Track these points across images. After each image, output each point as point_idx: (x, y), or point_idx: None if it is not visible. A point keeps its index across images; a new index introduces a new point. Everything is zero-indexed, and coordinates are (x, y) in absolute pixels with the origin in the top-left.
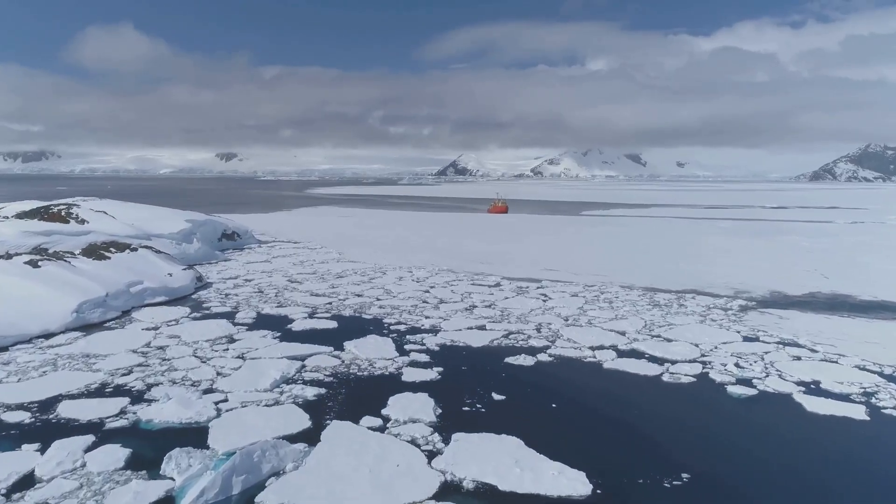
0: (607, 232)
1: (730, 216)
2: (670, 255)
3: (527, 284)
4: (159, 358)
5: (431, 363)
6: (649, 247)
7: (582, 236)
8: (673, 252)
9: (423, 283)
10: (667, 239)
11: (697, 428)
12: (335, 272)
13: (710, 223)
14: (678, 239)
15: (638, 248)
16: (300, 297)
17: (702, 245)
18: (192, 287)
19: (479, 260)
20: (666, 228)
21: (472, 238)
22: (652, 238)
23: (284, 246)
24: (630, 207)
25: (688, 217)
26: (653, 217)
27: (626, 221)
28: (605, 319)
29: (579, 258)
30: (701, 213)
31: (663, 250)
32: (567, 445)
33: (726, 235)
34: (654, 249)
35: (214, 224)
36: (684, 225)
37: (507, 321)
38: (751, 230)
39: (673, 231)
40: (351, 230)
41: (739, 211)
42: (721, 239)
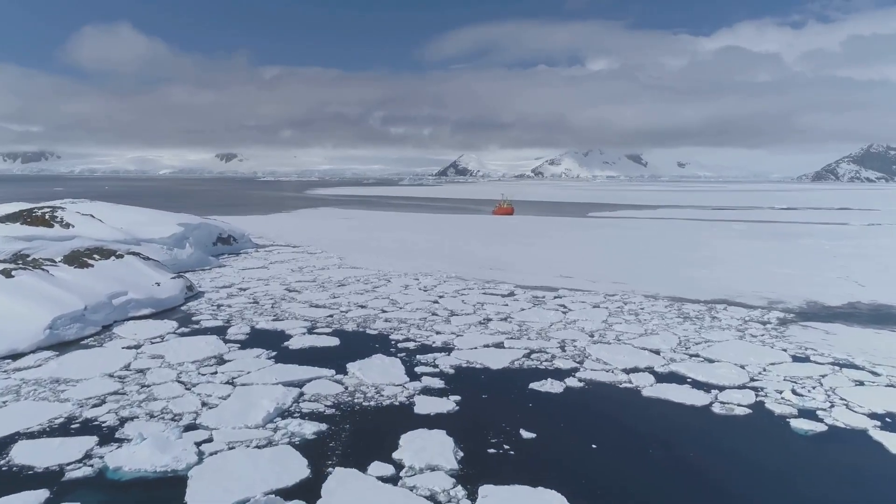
0: (619, 235)
1: (741, 218)
2: (690, 260)
3: (543, 293)
4: (138, 384)
5: (447, 390)
6: (666, 251)
7: (594, 239)
8: (693, 257)
9: (431, 292)
10: (683, 242)
11: (767, 473)
12: (336, 280)
13: (723, 225)
14: (695, 242)
15: (654, 252)
16: (298, 309)
17: (721, 249)
18: (182, 297)
19: (488, 266)
20: (679, 231)
21: (480, 241)
22: (667, 241)
23: (283, 250)
24: (636, 209)
25: (698, 219)
26: (662, 219)
27: (635, 223)
28: (633, 335)
29: (595, 263)
30: (711, 214)
31: (682, 255)
32: (617, 501)
33: (744, 238)
34: (672, 254)
35: (209, 227)
36: (697, 227)
37: (526, 337)
38: (767, 232)
39: (687, 234)
40: (352, 233)
41: (749, 212)
42: (739, 242)
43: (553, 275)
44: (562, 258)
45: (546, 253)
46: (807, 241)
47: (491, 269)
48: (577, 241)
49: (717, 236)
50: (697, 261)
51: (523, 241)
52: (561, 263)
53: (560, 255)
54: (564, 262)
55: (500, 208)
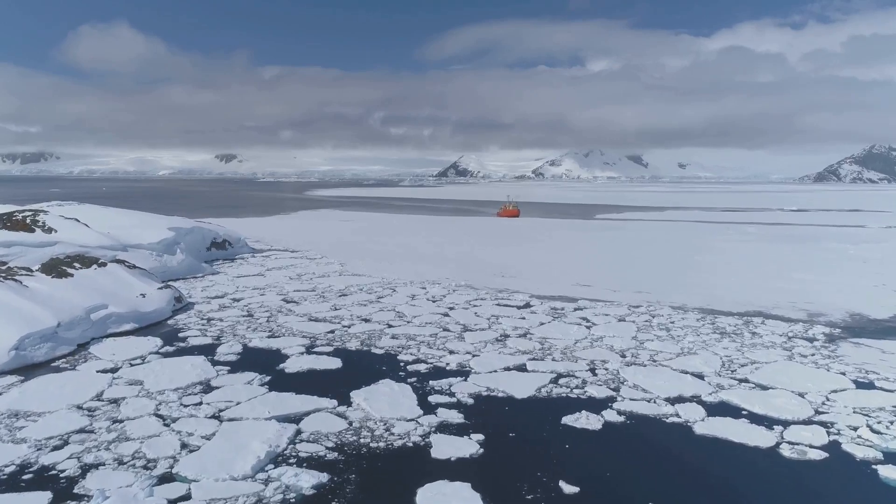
0: (632, 238)
1: (753, 220)
2: (712, 266)
3: (562, 305)
4: (109, 418)
5: (467, 426)
6: (685, 256)
7: (607, 243)
8: (714, 262)
9: (441, 303)
10: (700, 246)
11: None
12: (337, 289)
13: (736, 228)
14: (712, 247)
15: (673, 257)
16: (296, 324)
17: (742, 254)
18: (169, 310)
19: (499, 272)
20: (693, 234)
21: (488, 246)
22: (683, 245)
23: (281, 255)
24: (643, 210)
25: (709, 221)
26: (672, 221)
27: (646, 226)
28: (669, 354)
29: (612, 270)
30: (720, 216)
31: (702, 260)
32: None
33: (762, 242)
34: (692, 259)
35: (203, 232)
36: (710, 230)
37: (550, 357)
38: (784, 236)
39: (702, 237)
40: (353, 237)
41: (760, 214)
42: (759, 246)
43: (570, 283)
44: (576, 264)
45: (559, 258)
46: (829, 244)
47: (502, 277)
48: (589, 246)
49: (733, 240)
50: (720, 267)
51: (533, 246)
52: (576, 270)
53: (574, 261)
54: (580, 268)
55: (506, 210)
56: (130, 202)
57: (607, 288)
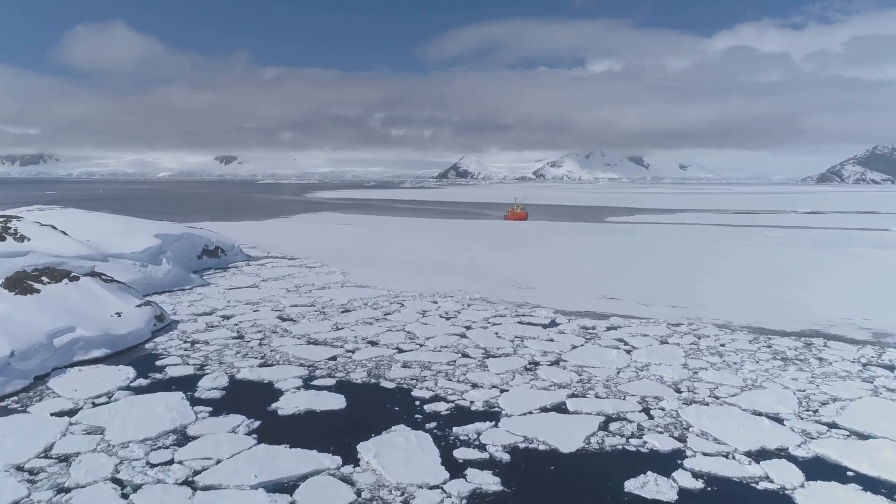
0: (651, 243)
1: (769, 223)
2: (746, 274)
3: (591, 322)
4: (53, 487)
5: (506, 495)
6: (714, 263)
7: (625, 249)
8: (746, 271)
9: (455, 320)
10: (727, 253)
11: None
12: (339, 303)
13: (755, 232)
14: (739, 252)
15: (701, 264)
16: (293, 348)
17: (773, 261)
18: (148, 331)
19: (515, 283)
20: (713, 238)
21: (498, 252)
22: (708, 251)
23: (278, 263)
24: (654, 213)
25: (726, 224)
26: (687, 224)
27: (661, 230)
28: (732, 388)
29: (639, 280)
30: (735, 219)
31: (734, 268)
32: None
33: (789, 247)
34: (722, 267)
35: (193, 238)
36: (730, 234)
37: (592, 392)
38: (810, 240)
39: (724, 242)
40: (355, 242)
41: (774, 216)
42: (787, 253)
43: (595, 295)
44: (598, 273)
45: (577, 266)
46: (859, 250)
47: (520, 289)
48: (608, 251)
49: (757, 244)
50: (754, 276)
51: (547, 252)
52: (599, 280)
53: (594, 269)
54: (603, 277)
55: (513, 213)
56: (124, 205)
57: (638, 301)
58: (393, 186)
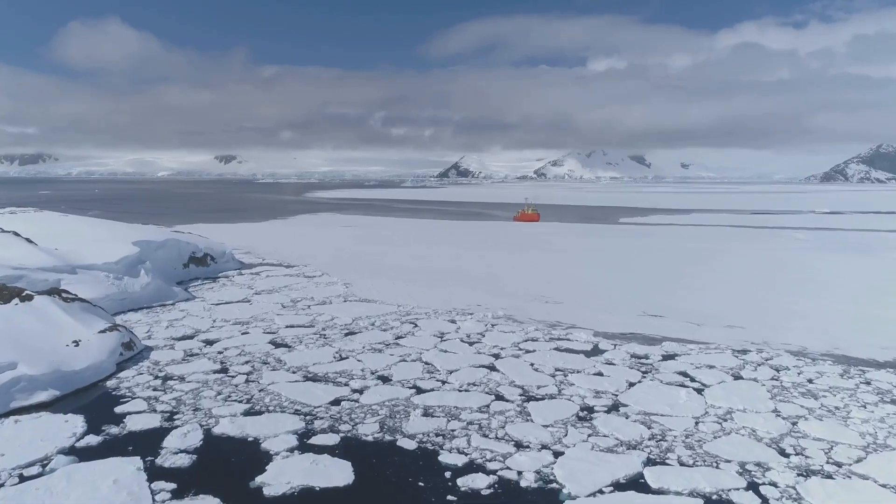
0: (679, 248)
1: (793, 224)
2: (793, 285)
3: (642, 349)
4: None
5: None
6: (757, 271)
7: (654, 255)
8: (793, 280)
9: (480, 345)
10: (764, 258)
11: None
12: (342, 323)
13: (783, 234)
14: (775, 257)
15: (740, 273)
16: (286, 386)
17: (817, 269)
18: (112, 364)
19: (541, 296)
20: (742, 242)
21: (516, 258)
22: (742, 257)
23: (273, 272)
24: (668, 213)
25: (748, 226)
26: (707, 226)
27: (683, 232)
28: (851, 448)
29: (682, 292)
30: (755, 220)
31: (782, 278)
32: None
33: (824, 252)
34: (768, 277)
35: (179, 245)
36: (757, 237)
37: (673, 456)
38: (843, 244)
39: (753, 245)
40: (357, 246)
41: (795, 217)
42: (827, 259)
43: (635, 311)
44: (633, 284)
45: (608, 276)
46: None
47: (547, 303)
48: (636, 258)
49: (789, 248)
50: (804, 286)
51: (569, 258)
52: (637, 292)
53: (628, 279)
54: (639, 289)
55: (524, 214)
56: (116, 206)
57: (687, 320)
58: (394, 186)
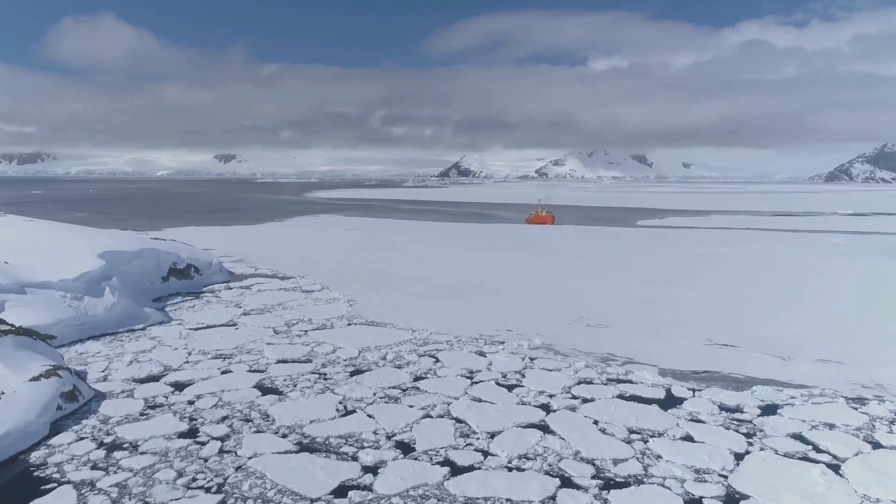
0: (715, 255)
1: (822, 227)
2: (872, 302)
3: (730, 397)
4: None
5: None
6: (817, 284)
7: (694, 265)
8: (865, 295)
9: (522, 390)
10: (818, 268)
11: None
12: (346, 357)
13: (819, 239)
14: (829, 267)
15: (800, 286)
16: (273, 462)
17: (884, 281)
18: (43, 426)
19: (580, 317)
20: (780, 247)
21: (539, 267)
22: (792, 267)
23: (266, 285)
24: (685, 215)
25: (775, 229)
26: (733, 229)
27: (712, 237)
28: None
29: (744, 313)
30: (780, 222)
31: (845, 292)
32: None
33: (881, 259)
34: (831, 291)
35: (157, 255)
36: (791, 242)
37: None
38: (891, 249)
39: (799, 253)
40: (360, 253)
41: (820, 220)
42: (885, 268)
43: (700, 338)
44: (685, 301)
45: (652, 290)
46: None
47: (589, 326)
48: (674, 267)
49: (837, 255)
50: (881, 302)
51: (601, 268)
52: (693, 312)
53: (677, 296)
54: (695, 308)
55: (537, 216)
56: (107, 207)
57: (767, 351)
58: (395, 185)
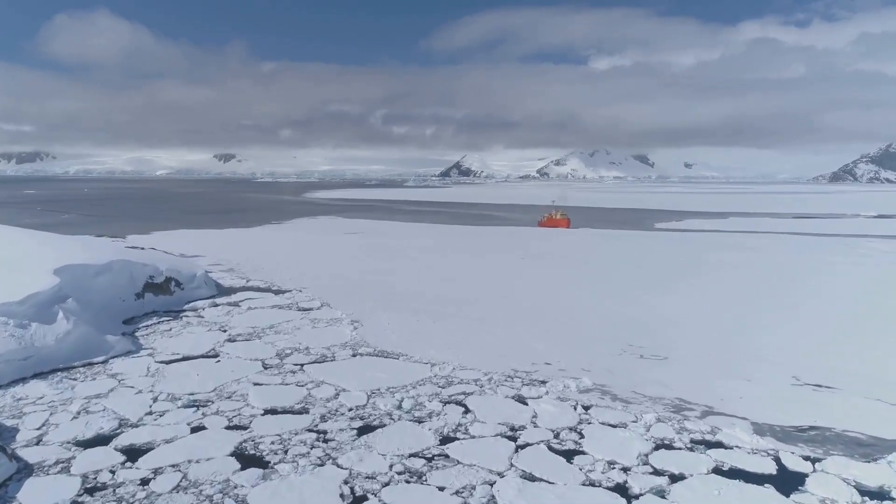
0: (764, 265)
1: (853, 231)
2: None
3: (864, 473)
4: None
5: None
6: (892, 301)
7: (733, 275)
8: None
9: (586, 463)
10: (886, 282)
11: None
12: (351, 406)
13: (858, 244)
14: (883, 277)
15: (876, 305)
16: None
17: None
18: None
19: (630, 344)
20: (823, 254)
21: (565, 279)
22: (851, 278)
23: (258, 301)
24: (703, 217)
25: (806, 233)
26: (760, 233)
27: (738, 241)
28: None
29: (824, 338)
30: (806, 225)
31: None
32: None
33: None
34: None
35: (130, 268)
36: (835, 249)
37: None
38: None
39: (853, 261)
40: (365, 262)
41: (847, 223)
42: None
43: (787, 377)
44: (754, 326)
45: (704, 308)
46: None
47: (643, 358)
48: (717, 280)
49: (881, 263)
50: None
51: (635, 280)
52: (770, 340)
53: (742, 318)
54: (770, 336)
55: (551, 219)
56: (97, 208)
57: (877, 397)
58: (396, 185)
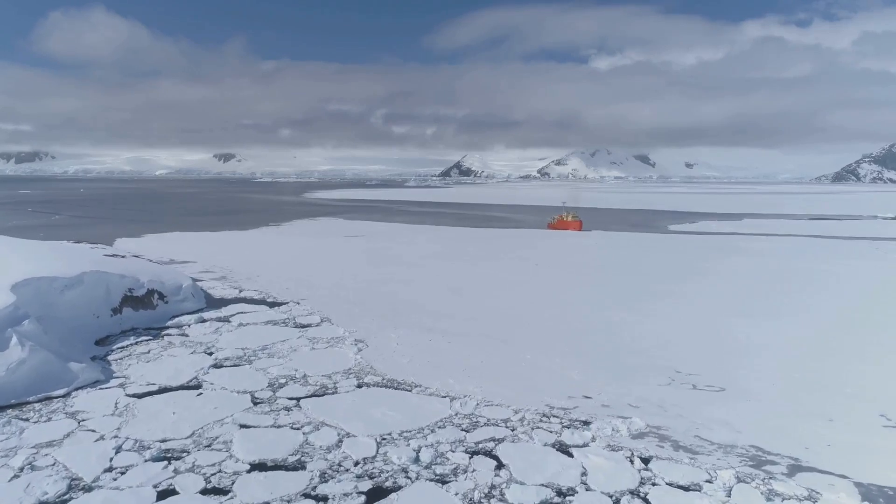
0: (794, 273)
1: (874, 233)
2: None
3: None
4: None
5: None
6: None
7: (774, 284)
8: None
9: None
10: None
11: None
12: (356, 457)
13: (887, 248)
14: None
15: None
16: None
17: None
18: None
19: (680, 375)
20: (858, 260)
21: (588, 288)
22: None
23: (250, 315)
24: (718, 219)
25: (827, 236)
26: (780, 236)
27: (762, 246)
28: None
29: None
30: (827, 228)
31: None
32: None
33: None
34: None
35: (106, 280)
36: (864, 254)
37: None
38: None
39: (884, 270)
40: (367, 269)
41: (866, 225)
42: None
43: (873, 414)
44: (816, 347)
45: (757, 328)
46: None
47: (696, 389)
48: (760, 291)
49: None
50: None
51: (670, 294)
52: (841, 367)
53: (800, 337)
54: (838, 360)
55: (562, 221)
56: (90, 209)
57: None
58: (397, 185)
